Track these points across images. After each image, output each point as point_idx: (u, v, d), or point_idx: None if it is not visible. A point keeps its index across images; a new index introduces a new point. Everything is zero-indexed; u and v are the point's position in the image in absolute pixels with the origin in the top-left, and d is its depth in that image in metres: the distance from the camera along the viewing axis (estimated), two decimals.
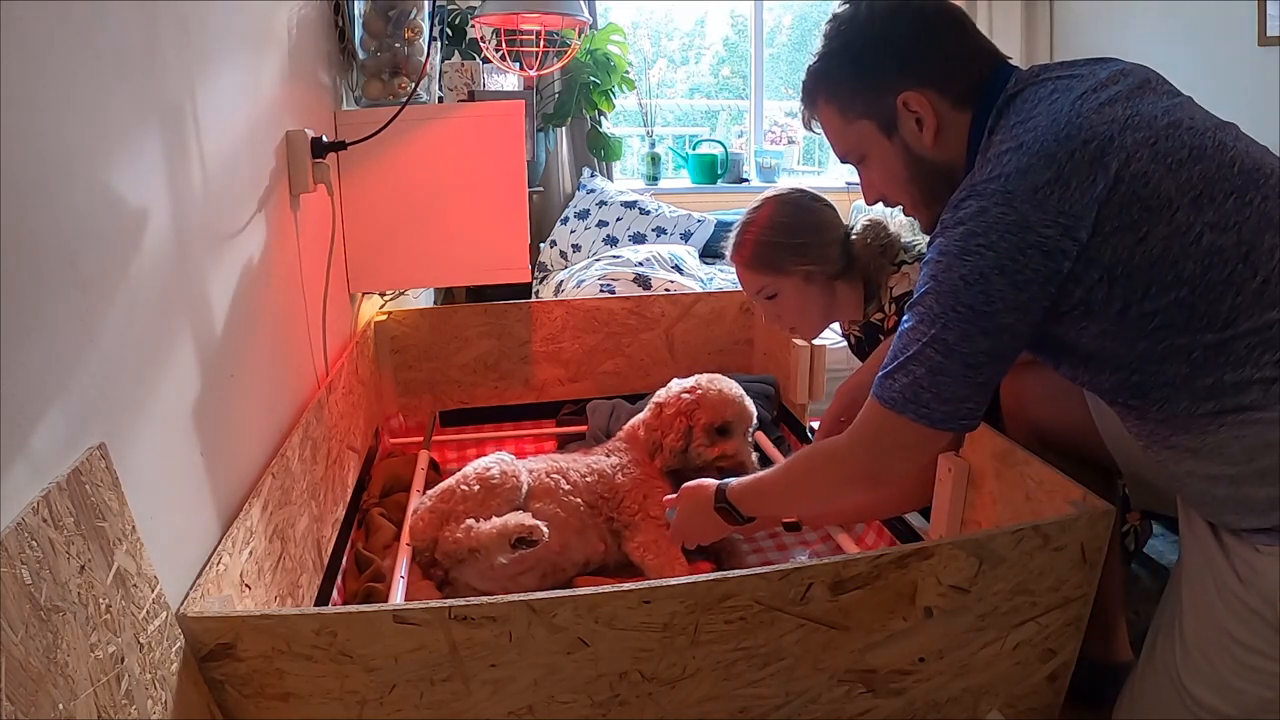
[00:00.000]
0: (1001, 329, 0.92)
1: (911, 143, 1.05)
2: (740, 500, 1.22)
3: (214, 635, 0.83)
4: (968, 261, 0.91)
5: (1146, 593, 1.71)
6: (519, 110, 1.75)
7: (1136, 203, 0.89)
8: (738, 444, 1.62)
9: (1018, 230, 0.89)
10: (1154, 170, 0.90)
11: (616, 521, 1.54)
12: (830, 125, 1.11)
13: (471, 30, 2.62)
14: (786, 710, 0.99)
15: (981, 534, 0.97)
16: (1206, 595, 0.97)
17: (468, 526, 1.38)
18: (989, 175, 0.93)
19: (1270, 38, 2.97)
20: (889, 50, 1.03)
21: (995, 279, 0.90)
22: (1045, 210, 0.89)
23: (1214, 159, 0.92)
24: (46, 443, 0.67)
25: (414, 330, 2.06)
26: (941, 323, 0.93)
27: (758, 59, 4.26)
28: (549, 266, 3.45)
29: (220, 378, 1.03)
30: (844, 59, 1.07)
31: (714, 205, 3.77)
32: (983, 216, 0.91)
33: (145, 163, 0.87)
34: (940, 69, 1.02)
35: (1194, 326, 0.89)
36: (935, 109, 1.02)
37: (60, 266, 0.70)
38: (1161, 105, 0.96)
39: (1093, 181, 0.89)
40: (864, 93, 1.05)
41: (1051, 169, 0.90)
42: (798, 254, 1.48)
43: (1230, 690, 0.94)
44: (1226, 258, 0.88)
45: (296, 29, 1.44)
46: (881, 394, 0.98)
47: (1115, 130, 0.92)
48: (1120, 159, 0.90)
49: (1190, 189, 0.90)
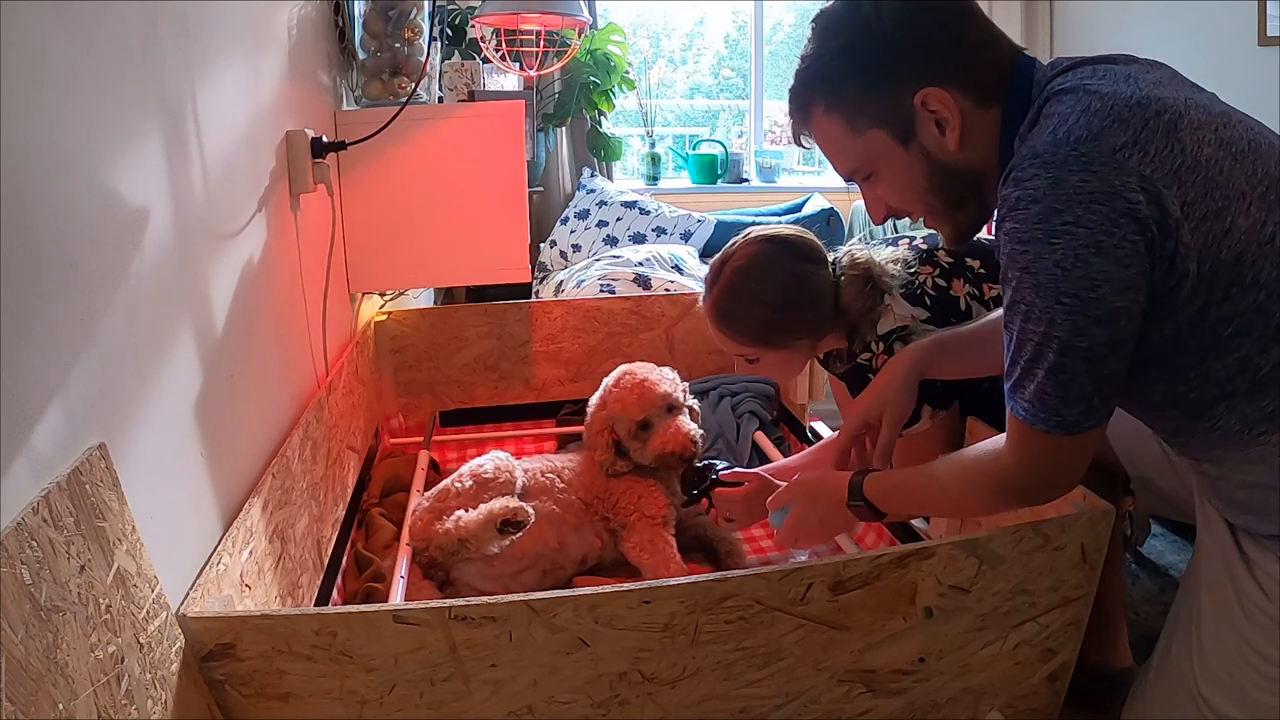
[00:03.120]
0: (1115, 313, 0.82)
1: (932, 148, 0.94)
2: (883, 498, 1.09)
3: (214, 635, 0.83)
4: (1056, 245, 0.81)
5: (1146, 593, 1.71)
6: (519, 110, 1.75)
7: (1216, 189, 0.81)
8: (670, 431, 1.51)
9: (1105, 198, 0.79)
10: (1223, 158, 0.83)
11: (612, 521, 1.54)
12: (832, 138, 0.99)
13: (471, 30, 2.62)
14: (786, 710, 0.99)
15: (981, 534, 0.97)
16: (1227, 605, 0.95)
17: (456, 517, 1.38)
18: (1053, 140, 0.82)
19: (1270, 38, 2.97)
20: (903, 44, 0.91)
21: (1094, 260, 0.80)
22: (1128, 172, 0.79)
23: (1268, 155, 0.86)
24: (46, 442, 0.67)
25: (414, 330, 2.06)
26: (1049, 318, 0.83)
27: (758, 59, 4.26)
28: (549, 266, 3.45)
29: (220, 377, 1.03)
30: (847, 60, 0.94)
31: (714, 205, 3.77)
32: (1059, 188, 0.80)
33: (145, 162, 0.87)
34: (961, 62, 0.92)
35: (1266, 336, 0.83)
36: (960, 107, 0.92)
37: (60, 266, 0.70)
38: (1204, 95, 0.90)
39: (1170, 153, 0.81)
40: (875, 96, 0.94)
41: (1128, 132, 0.81)
42: (786, 330, 1.33)
43: (1248, 700, 0.93)
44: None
45: (296, 29, 1.44)
46: (1015, 408, 0.89)
47: (1182, 107, 0.84)
48: (1194, 138, 0.82)
49: (1258, 183, 0.84)
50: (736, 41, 4.58)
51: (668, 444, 1.51)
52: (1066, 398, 0.85)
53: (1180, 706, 0.99)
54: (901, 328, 1.31)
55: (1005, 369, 0.90)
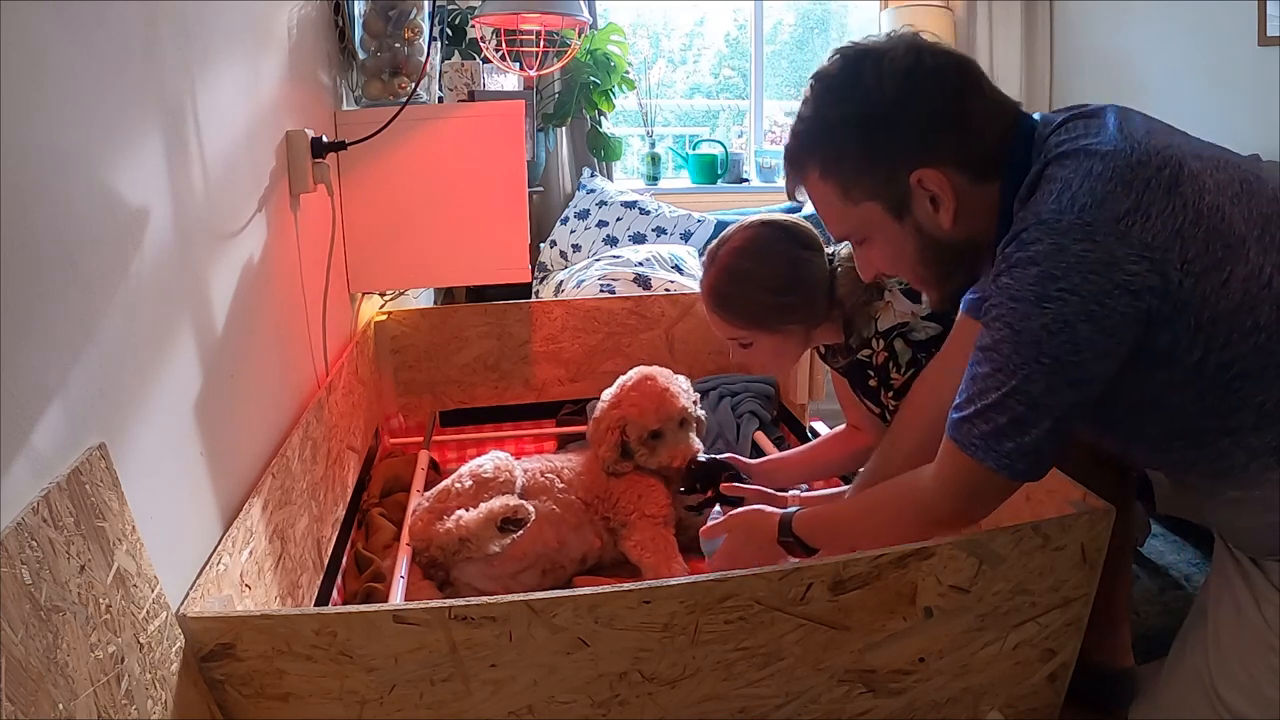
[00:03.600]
0: (1090, 379, 0.85)
1: (926, 224, 0.94)
2: (811, 535, 1.11)
3: (214, 635, 0.83)
4: (1048, 309, 0.82)
5: (1146, 593, 1.70)
6: (519, 110, 1.75)
7: (1218, 240, 0.83)
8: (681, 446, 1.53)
9: (1104, 269, 0.81)
10: (1223, 203, 0.85)
11: (612, 520, 1.54)
12: (826, 203, 0.98)
13: (471, 30, 2.62)
14: (786, 710, 0.99)
15: (981, 534, 0.97)
16: (1246, 605, 0.96)
17: (456, 517, 1.38)
18: (1058, 207, 0.84)
19: (1270, 38, 2.96)
20: (902, 123, 0.90)
21: (1082, 327, 0.82)
22: (1130, 243, 0.81)
23: (1259, 192, 0.87)
24: (46, 442, 0.67)
25: (414, 330, 2.06)
26: (1024, 374, 0.85)
27: (758, 59, 4.26)
28: (549, 266, 3.45)
29: (220, 378, 1.03)
30: (846, 133, 0.93)
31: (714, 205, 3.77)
32: (1061, 255, 0.82)
33: (145, 162, 0.87)
34: (962, 142, 0.91)
35: (1269, 374, 0.85)
36: (955, 187, 0.91)
37: (60, 266, 0.70)
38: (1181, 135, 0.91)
39: (1172, 212, 0.82)
40: (871, 171, 0.93)
41: (1131, 196, 0.82)
42: (782, 313, 1.32)
43: (1264, 698, 0.94)
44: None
45: (296, 29, 1.44)
46: (960, 438, 0.90)
47: (1179, 156, 0.85)
48: (1194, 189, 0.84)
49: (1254, 225, 0.85)
50: (737, 41, 4.58)
51: (676, 459, 1.53)
52: (1021, 447, 0.87)
53: (1195, 705, 1.00)
54: (902, 324, 1.31)
55: (957, 403, 0.92)
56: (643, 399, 1.55)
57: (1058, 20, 4.06)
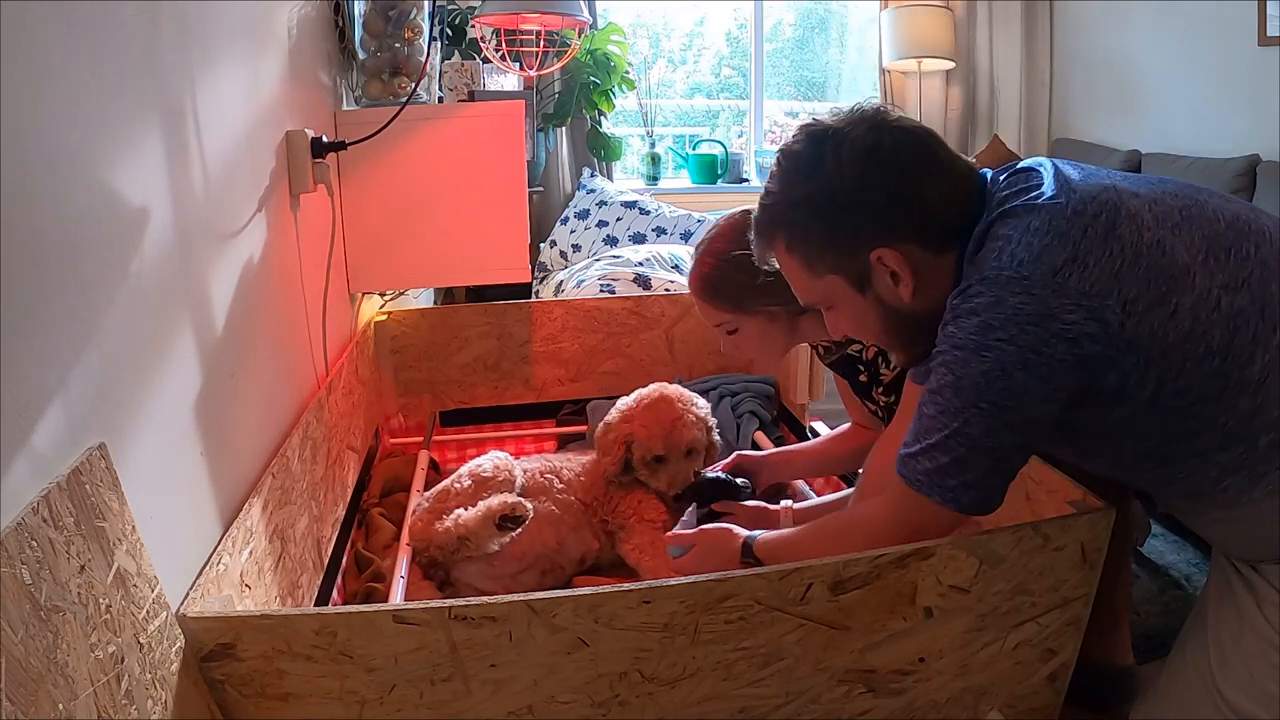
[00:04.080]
0: (1029, 422, 0.88)
1: (887, 298, 0.98)
2: (772, 559, 1.11)
3: (214, 635, 0.83)
4: (986, 357, 0.86)
5: (1146, 593, 1.71)
6: (519, 110, 1.75)
7: (1160, 275, 0.86)
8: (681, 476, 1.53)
9: (1039, 321, 0.84)
10: (1164, 236, 0.87)
11: (610, 523, 1.54)
12: (793, 274, 1.02)
13: (471, 30, 2.62)
14: (786, 710, 0.99)
15: (981, 534, 0.97)
16: (1246, 605, 0.97)
17: (455, 516, 1.38)
18: (999, 263, 0.87)
19: (1270, 38, 2.96)
20: (861, 204, 0.94)
21: (1018, 374, 0.85)
22: (1066, 294, 0.84)
23: (1200, 216, 0.90)
24: (47, 442, 0.67)
25: (414, 330, 2.06)
26: (964, 418, 0.88)
27: (758, 58, 4.26)
28: (549, 266, 3.45)
29: (220, 378, 1.03)
30: (809, 212, 0.96)
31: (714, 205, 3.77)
32: (999, 307, 0.86)
33: (145, 162, 0.87)
34: (920, 221, 0.94)
35: (1229, 394, 0.87)
36: (912, 263, 0.95)
37: (60, 266, 0.70)
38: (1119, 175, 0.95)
39: (1109, 257, 0.86)
40: (834, 248, 0.96)
41: (1067, 248, 0.86)
42: (764, 294, 1.32)
43: (1267, 696, 0.94)
44: (1247, 318, 0.86)
45: (296, 29, 1.44)
46: (907, 474, 0.94)
47: (1116, 197, 0.89)
48: (1132, 229, 0.87)
49: (1197, 250, 0.88)
50: (737, 41, 4.58)
51: (673, 486, 1.52)
52: (965, 483, 0.91)
53: (1198, 704, 1.00)
54: None
55: (906, 441, 0.95)
56: (653, 422, 1.53)
57: (1058, 20, 4.06)
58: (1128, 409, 0.89)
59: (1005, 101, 4.11)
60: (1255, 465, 0.89)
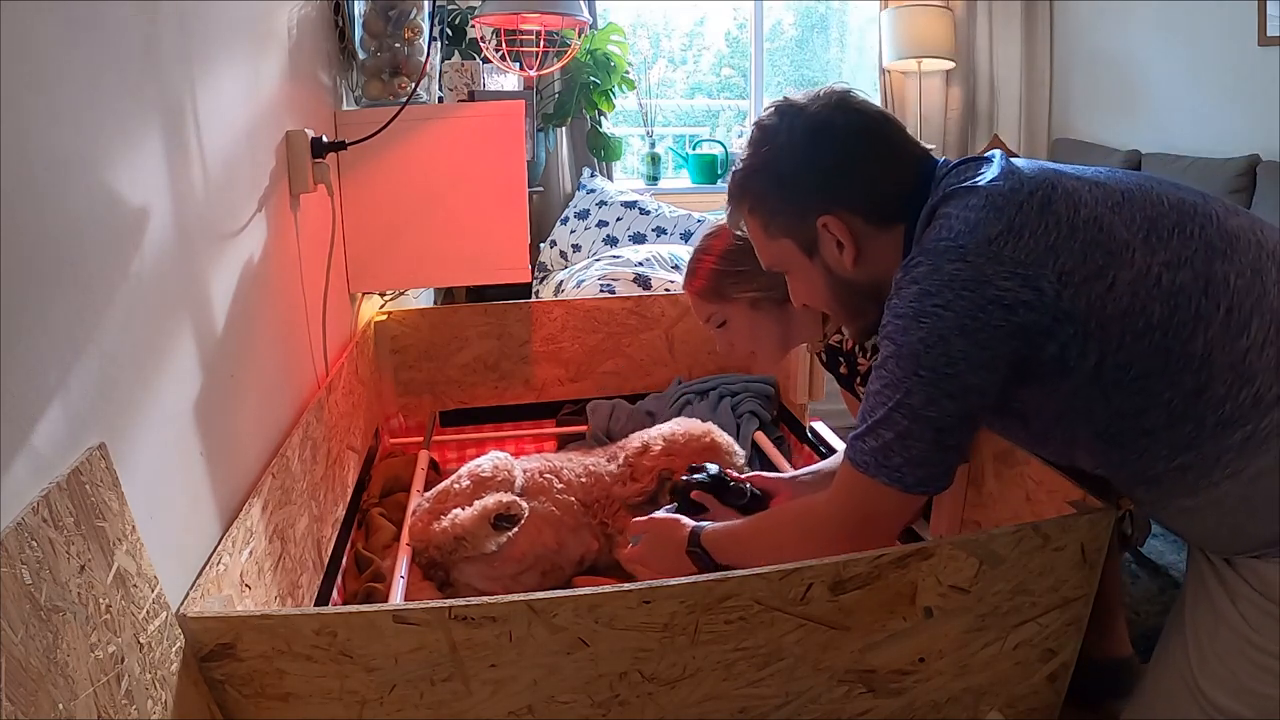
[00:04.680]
0: (968, 390, 0.90)
1: (832, 264, 1.04)
2: (716, 549, 1.15)
3: (214, 635, 0.83)
4: (924, 324, 0.89)
5: (1146, 593, 1.71)
6: (519, 110, 1.75)
7: (1097, 249, 0.89)
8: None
9: (974, 286, 0.87)
10: (1102, 214, 0.90)
11: (610, 526, 1.54)
12: (754, 236, 1.10)
13: (471, 30, 2.62)
14: (786, 710, 0.99)
15: (981, 534, 0.97)
16: (1220, 601, 0.97)
17: (452, 516, 1.39)
18: (938, 236, 0.92)
19: (1270, 38, 2.97)
20: (809, 175, 1.01)
21: (955, 340, 0.88)
22: (1001, 261, 0.88)
23: (1144, 198, 0.93)
24: (47, 442, 0.67)
25: (414, 330, 2.06)
26: (905, 388, 0.91)
27: (758, 58, 4.27)
28: (549, 266, 3.45)
29: (220, 378, 1.03)
30: (765, 177, 1.04)
31: (714, 205, 3.77)
32: (936, 274, 0.89)
33: (145, 163, 0.87)
34: (862, 193, 1.00)
35: (1171, 370, 0.88)
36: (855, 233, 1.00)
37: (60, 266, 0.70)
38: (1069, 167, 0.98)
39: (1045, 229, 0.89)
40: (784, 213, 1.04)
41: (1002, 221, 0.89)
42: (742, 280, 1.41)
43: (1248, 693, 0.94)
44: (1188, 294, 0.88)
45: (296, 29, 1.44)
46: (854, 457, 0.96)
47: (1054, 178, 0.93)
48: (1067, 206, 0.91)
49: (1138, 228, 0.90)
50: (737, 40, 4.58)
51: None
52: (910, 459, 0.92)
53: (1180, 703, 1.00)
54: None
55: (857, 421, 0.97)
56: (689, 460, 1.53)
57: (1058, 20, 4.06)
58: (1071, 383, 0.91)
59: (1005, 101, 4.11)
60: (1204, 445, 0.90)
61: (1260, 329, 0.88)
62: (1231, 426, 0.88)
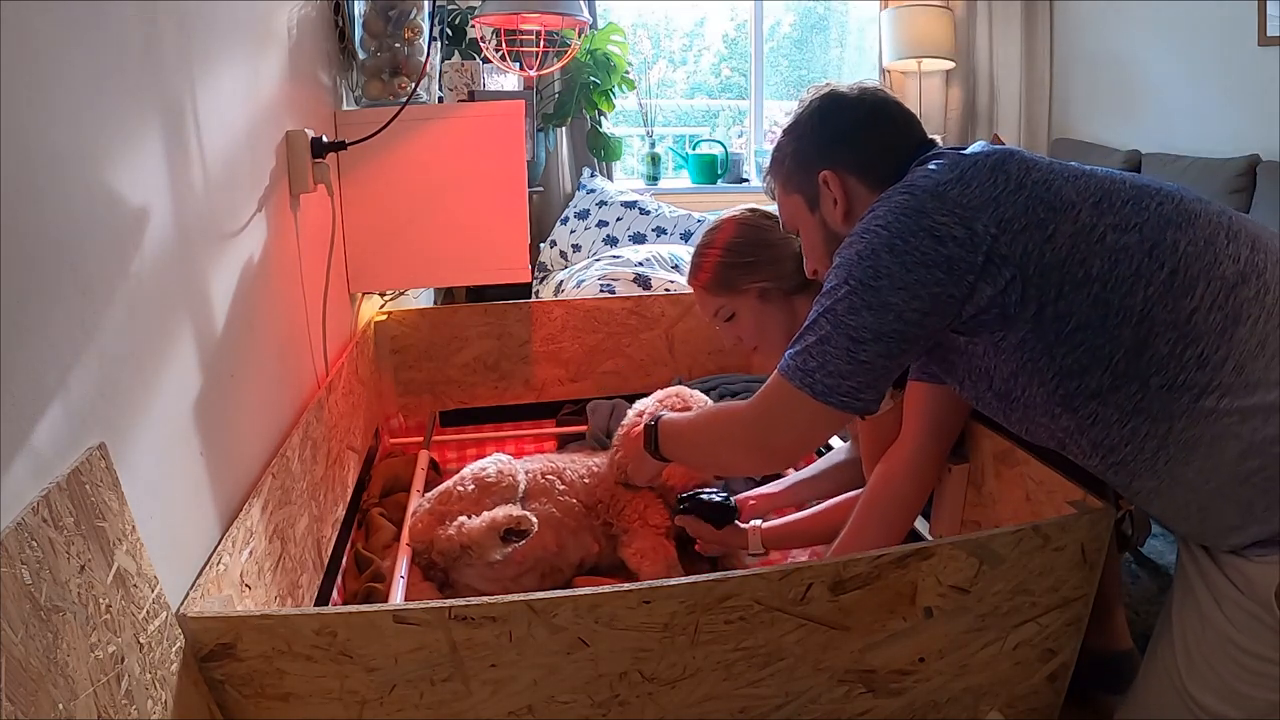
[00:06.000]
0: (886, 306, 0.94)
1: (828, 219, 1.14)
2: (665, 441, 1.28)
3: (214, 635, 0.83)
4: (864, 239, 0.97)
5: (1146, 593, 1.71)
6: (519, 110, 1.75)
7: (1041, 204, 0.94)
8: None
9: (912, 214, 0.95)
10: (1054, 179, 0.96)
11: (614, 526, 1.54)
12: (778, 195, 1.22)
13: (471, 30, 2.62)
14: (786, 710, 0.99)
15: (981, 534, 0.97)
16: (1206, 604, 0.97)
17: (459, 524, 1.38)
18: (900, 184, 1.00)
19: (1270, 38, 2.97)
20: (819, 136, 1.14)
21: (884, 255, 0.95)
22: (943, 201, 0.95)
23: (1104, 178, 0.98)
24: (47, 442, 0.66)
25: (414, 330, 2.06)
26: (834, 296, 0.98)
27: (758, 58, 4.27)
28: (549, 266, 3.45)
29: (220, 378, 1.03)
30: (786, 139, 1.19)
31: (714, 205, 3.77)
32: (882, 204, 0.99)
33: (145, 163, 0.87)
34: (861, 156, 1.11)
35: (1110, 323, 0.91)
36: (848, 190, 1.11)
37: (60, 267, 0.70)
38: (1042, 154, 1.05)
39: (991, 184, 0.95)
40: (797, 170, 1.16)
41: (954, 173, 0.97)
42: (749, 271, 1.44)
43: (1236, 695, 0.94)
44: (1131, 254, 0.91)
45: (296, 29, 1.44)
46: (781, 365, 1.02)
47: (1014, 152, 1.01)
48: (1019, 168, 0.97)
49: (1090, 195, 0.95)
50: (736, 41, 4.58)
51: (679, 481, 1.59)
52: (823, 366, 0.98)
53: (1168, 705, 1.01)
54: None
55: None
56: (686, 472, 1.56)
57: (1058, 20, 4.06)
58: (1018, 335, 0.94)
59: (1005, 101, 4.11)
60: (1152, 410, 0.91)
61: (1208, 293, 0.89)
62: (1177, 390, 0.89)
